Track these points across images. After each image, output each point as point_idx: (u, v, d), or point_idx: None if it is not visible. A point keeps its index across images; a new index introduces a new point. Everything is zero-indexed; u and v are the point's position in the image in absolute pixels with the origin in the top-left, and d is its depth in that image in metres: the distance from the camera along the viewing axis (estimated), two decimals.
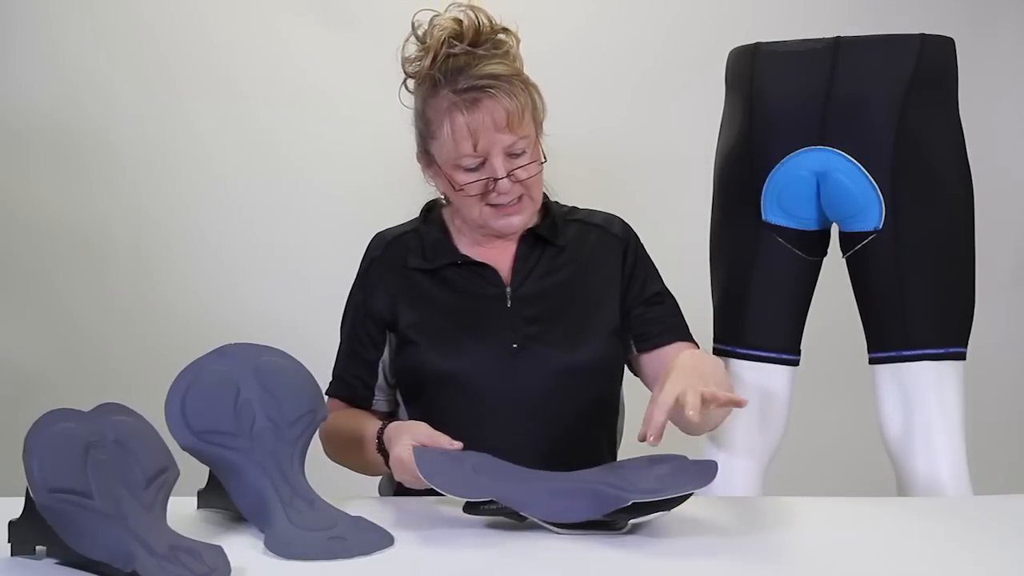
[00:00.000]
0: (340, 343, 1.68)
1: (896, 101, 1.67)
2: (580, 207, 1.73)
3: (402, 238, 1.67)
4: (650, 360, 1.63)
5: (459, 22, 1.53)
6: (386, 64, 1.63)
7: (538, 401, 1.55)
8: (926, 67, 1.68)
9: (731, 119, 1.82)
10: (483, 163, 1.53)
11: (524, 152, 1.54)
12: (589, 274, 1.63)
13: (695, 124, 2.09)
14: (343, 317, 1.68)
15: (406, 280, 1.63)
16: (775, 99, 1.73)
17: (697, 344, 1.67)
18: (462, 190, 1.55)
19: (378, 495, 1.71)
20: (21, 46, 2.61)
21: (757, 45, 1.77)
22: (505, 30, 1.57)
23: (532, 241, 1.63)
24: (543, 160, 1.57)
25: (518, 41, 1.58)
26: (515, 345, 1.57)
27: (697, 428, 1.51)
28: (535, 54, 1.64)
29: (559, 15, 2.64)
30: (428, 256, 1.63)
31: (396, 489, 1.66)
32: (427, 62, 1.54)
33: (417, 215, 1.71)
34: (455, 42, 1.52)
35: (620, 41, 2.65)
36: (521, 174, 1.54)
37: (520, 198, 1.57)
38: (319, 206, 2.66)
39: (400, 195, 1.72)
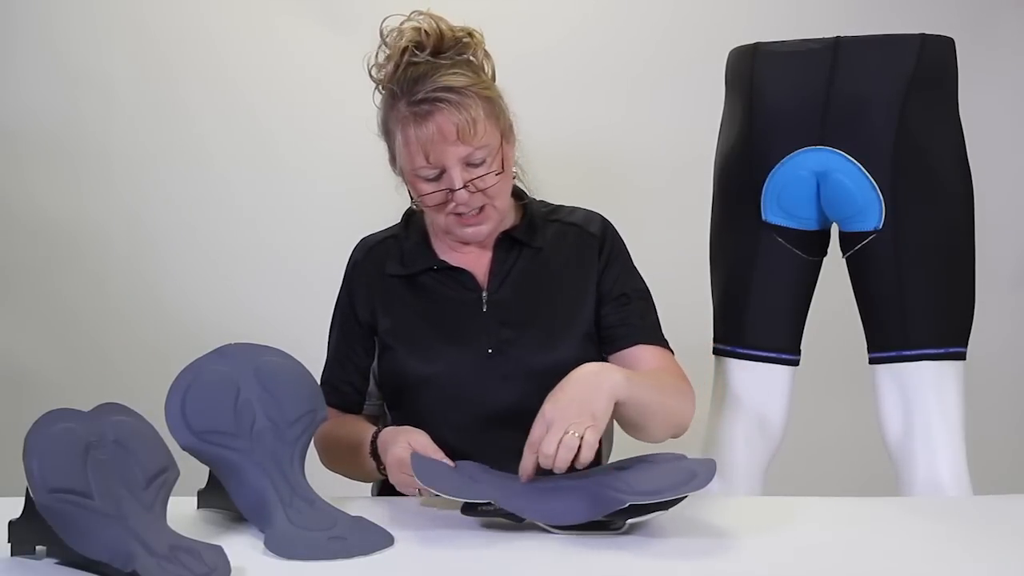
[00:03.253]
0: (328, 350, 1.68)
1: (896, 101, 1.67)
2: (563, 205, 1.71)
3: (383, 244, 1.67)
4: (615, 362, 1.59)
5: (419, 30, 1.52)
6: None
7: (514, 405, 1.54)
8: (926, 67, 1.68)
9: (731, 119, 1.82)
10: (442, 173, 1.52)
11: (484, 162, 1.52)
12: (566, 275, 1.62)
13: (694, 124, 2.09)
14: (331, 324, 1.68)
15: (385, 286, 1.63)
16: (775, 99, 1.73)
17: (667, 345, 1.62)
18: (422, 199, 1.56)
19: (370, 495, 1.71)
20: (20, 47, 2.62)
21: (757, 45, 1.77)
22: (470, 34, 1.56)
23: (509, 244, 1.62)
24: (501, 171, 1.54)
25: (482, 43, 1.57)
26: (490, 350, 1.56)
27: (642, 436, 1.53)
28: (533, 54, 1.64)
29: (557, 15, 2.64)
30: (406, 262, 1.63)
31: (380, 491, 1.66)
32: (389, 70, 1.54)
33: (400, 220, 1.70)
34: (417, 51, 1.52)
35: (618, 41, 2.65)
36: (480, 184, 1.53)
37: (483, 208, 1.55)
38: (318, 206, 2.66)
39: (399, 196, 1.72)
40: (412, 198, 1.59)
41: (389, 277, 1.63)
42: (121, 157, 2.65)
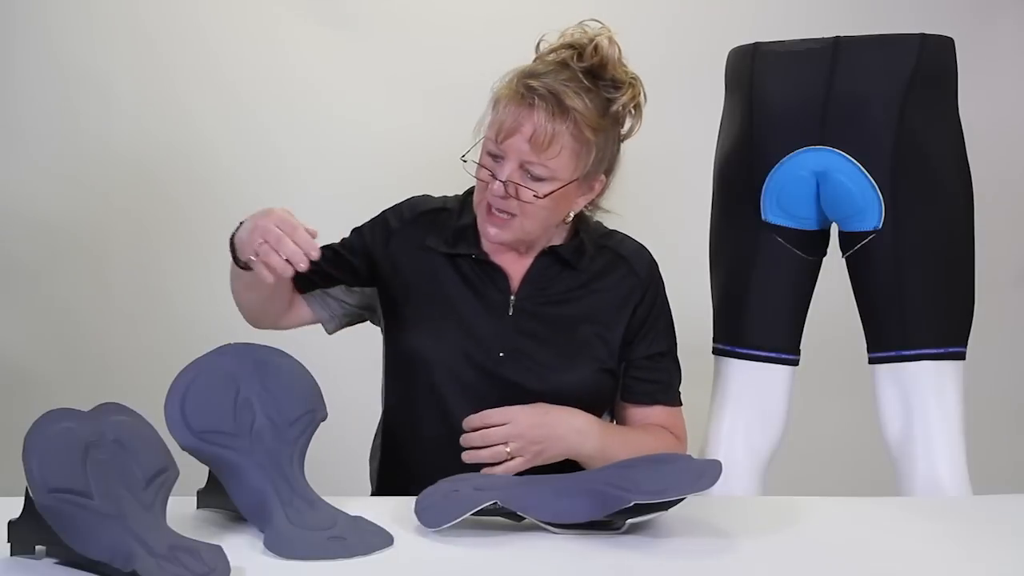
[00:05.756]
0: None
1: (896, 101, 1.67)
2: (616, 232, 1.69)
3: (436, 215, 1.64)
4: (627, 413, 1.64)
5: (594, 44, 1.52)
6: (385, 64, 1.63)
7: None
8: (926, 67, 1.68)
9: (731, 119, 1.82)
10: (501, 160, 1.51)
11: (541, 180, 1.50)
12: (600, 308, 1.60)
13: (695, 124, 2.09)
14: (354, 230, 1.68)
15: (422, 257, 1.61)
16: (774, 99, 1.73)
17: (679, 401, 1.67)
18: (477, 169, 1.54)
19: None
20: (20, 46, 2.61)
21: (757, 45, 1.77)
22: (632, 82, 1.54)
23: (551, 260, 1.60)
24: (544, 200, 1.50)
25: (637, 97, 1.55)
26: (502, 354, 1.55)
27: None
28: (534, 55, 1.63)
29: (558, 16, 2.63)
30: (450, 240, 1.60)
31: (377, 490, 1.66)
32: (544, 50, 1.54)
33: (462, 192, 1.67)
34: (575, 58, 1.51)
35: (619, 41, 2.65)
36: (518, 192, 1.50)
37: (513, 216, 1.52)
38: (317, 207, 2.63)
39: (399, 197, 1.72)
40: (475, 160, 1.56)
41: (429, 248, 1.61)
42: (120, 156, 2.64)
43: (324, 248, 1.61)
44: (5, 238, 2.64)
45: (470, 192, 1.64)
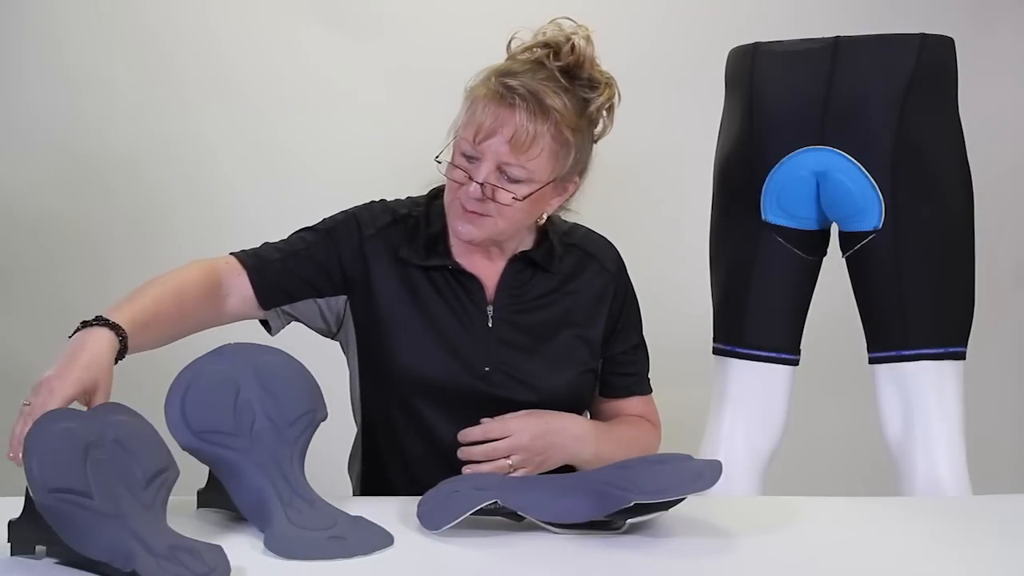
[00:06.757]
0: (287, 240, 1.60)
1: (895, 101, 1.67)
2: (577, 226, 1.65)
3: (406, 221, 1.58)
4: (604, 408, 1.64)
5: (569, 43, 1.48)
6: (392, 65, 1.62)
7: None
8: (926, 67, 1.68)
9: (731, 119, 1.82)
10: (477, 161, 1.47)
11: (518, 181, 1.46)
12: (576, 309, 1.58)
13: (694, 124, 2.09)
14: (307, 227, 1.61)
15: (397, 268, 1.56)
16: (774, 99, 1.73)
17: (651, 388, 1.66)
18: (449, 169, 1.50)
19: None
20: (25, 46, 2.61)
21: (756, 45, 1.77)
22: (608, 83, 1.52)
23: (523, 264, 1.57)
24: (523, 201, 1.47)
25: (612, 98, 1.52)
26: (487, 368, 1.53)
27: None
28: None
29: (555, 16, 2.63)
30: (422, 252, 1.55)
31: (362, 491, 1.65)
32: (518, 49, 1.50)
33: (424, 195, 1.62)
34: (551, 57, 1.48)
35: (618, 41, 2.63)
36: (495, 194, 1.46)
37: (488, 215, 1.48)
38: (318, 208, 2.64)
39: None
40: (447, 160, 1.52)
41: (402, 260, 1.56)
42: (124, 158, 2.64)
43: (284, 258, 1.56)
44: (7, 237, 2.64)
45: (434, 196, 1.60)
